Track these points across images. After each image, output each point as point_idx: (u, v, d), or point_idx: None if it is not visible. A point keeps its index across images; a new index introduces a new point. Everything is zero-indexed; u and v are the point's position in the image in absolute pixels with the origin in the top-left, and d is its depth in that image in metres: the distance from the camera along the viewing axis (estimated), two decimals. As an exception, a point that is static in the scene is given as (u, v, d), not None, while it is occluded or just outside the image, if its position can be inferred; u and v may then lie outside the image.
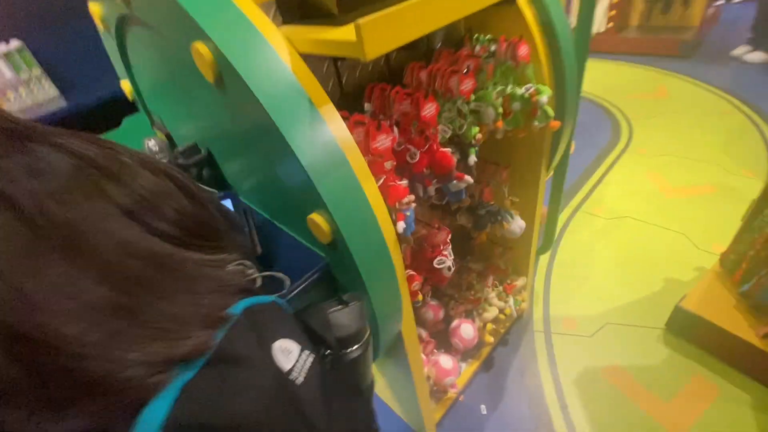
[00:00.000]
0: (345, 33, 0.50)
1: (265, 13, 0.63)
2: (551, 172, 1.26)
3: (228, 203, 0.75)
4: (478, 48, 0.90)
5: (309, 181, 0.52)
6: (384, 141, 0.63)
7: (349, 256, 0.57)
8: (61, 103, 2.00)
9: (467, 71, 0.75)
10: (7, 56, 1.91)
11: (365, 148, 0.63)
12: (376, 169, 0.67)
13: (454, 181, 0.75)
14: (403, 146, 0.75)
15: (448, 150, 0.73)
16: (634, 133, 2.53)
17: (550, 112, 0.88)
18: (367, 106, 0.76)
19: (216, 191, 0.92)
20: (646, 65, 3.31)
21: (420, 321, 1.28)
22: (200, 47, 0.51)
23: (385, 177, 0.67)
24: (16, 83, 1.96)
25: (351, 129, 0.65)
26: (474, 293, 1.30)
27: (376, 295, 0.63)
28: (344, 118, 0.67)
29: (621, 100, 2.90)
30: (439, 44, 0.94)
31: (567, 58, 0.89)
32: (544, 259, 1.76)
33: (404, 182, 0.68)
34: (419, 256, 0.96)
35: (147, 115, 1.06)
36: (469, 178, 0.74)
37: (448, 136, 0.76)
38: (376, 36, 0.47)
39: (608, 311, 1.52)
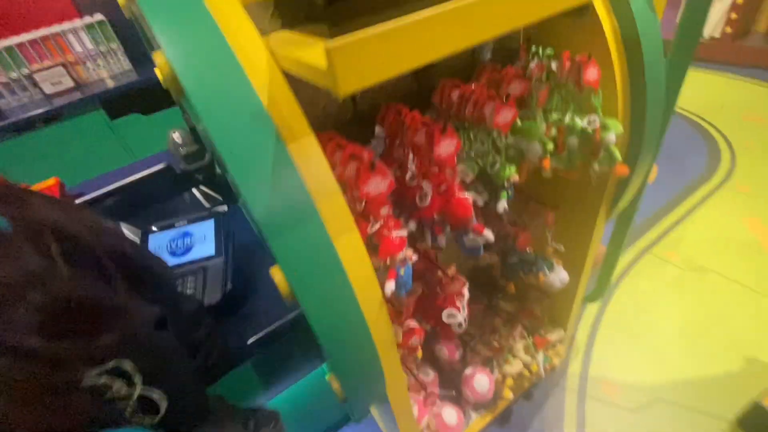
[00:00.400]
0: (318, 55, 0.38)
1: (261, 14, 0.54)
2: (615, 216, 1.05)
3: (211, 224, 0.68)
4: (533, 64, 0.73)
5: (262, 234, 0.42)
6: (378, 185, 0.51)
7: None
8: (133, 77, 2.11)
9: (507, 99, 0.59)
10: (89, 28, 2.03)
11: (356, 188, 0.52)
12: (372, 210, 0.55)
13: (471, 235, 0.61)
14: (416, 182, 0.62)
15: (468, 197, 0.59)
16: (737, 164, 2.10)
17: (617, 154, 0.69)
18: (378, 130, 0.64)
19: (222, 203, 0.86)
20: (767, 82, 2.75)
21: (432, 358, 1.15)
22: (158, 57, 0.42)
23: (381, 223, 0.55)
24: (94, 54, 2.08)
25: (344, 163, 0.54)
26: (498, 339, 1.14)
27: (344, 369, 0.53)
28: (340, 147, 0.56)
29: (726, 122, 2.44)
30: (489, 55, 0.78)
31: (653, 88, 0.69)
32: (594, 305, 1.52)
33: (402, 232, 0.56)
34: (429, 300, 0.83)
35: (178, 104, 1.04)
36: (488, 234, 0.60)
37: (469, 180, 0.61)
38: (354, 65, 0.35)
39: (663, 384, 1.26)
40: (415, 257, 0.58)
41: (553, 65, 0.71)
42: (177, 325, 0.42)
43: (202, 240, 0.66)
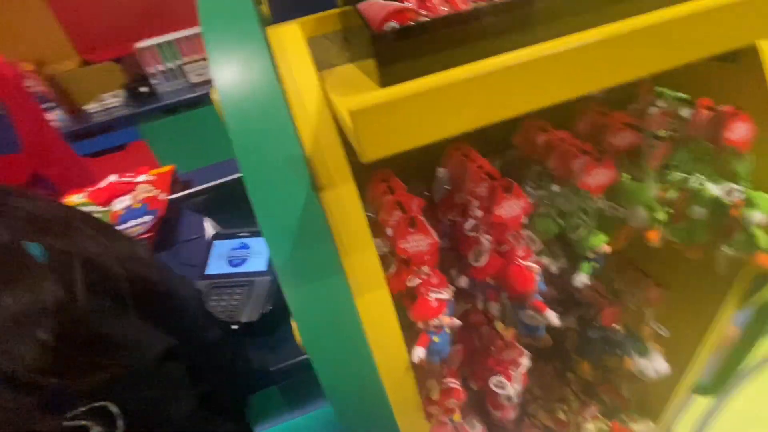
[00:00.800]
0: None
1: (329, 45, 0.51)
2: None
3: (259, 240, 0.70)
4: (656, 108, 0.58)
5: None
6: (418, 243, 0.45)
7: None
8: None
9: (604, 156, 0.48)
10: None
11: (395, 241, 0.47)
12: (412, 264, 0.50)
13: (530, 311, 0.51)
14: (474, 234, 0.54)
15: (532, 267, 0.49)
16: None
17: (762, 241, 0.51)
18: (441, 171, 0.57)
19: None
20: None
21: (482, 411, 1.05)
22: (214, 93, 0.43)
23: (419, 281, 0.49)
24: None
25: (389, 210, 0.49)
26: (566, 411, 0.98)
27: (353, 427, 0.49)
28: (390, 191, 0.52)
29: None
30: (599, 92, 0.65)
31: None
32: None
33: (444, 294, 0.49)
34: (482, 357, 0.74)
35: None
36: (552, 317, 0.49)
37: (536, 249, 0.51)
38: (383, 129, 0.30)
39: None
40: (457, 323, 0.51)
41: (684, 112, 0.55)
42: (195, 354, 0.44)
43: (258, 254, 0.68)
